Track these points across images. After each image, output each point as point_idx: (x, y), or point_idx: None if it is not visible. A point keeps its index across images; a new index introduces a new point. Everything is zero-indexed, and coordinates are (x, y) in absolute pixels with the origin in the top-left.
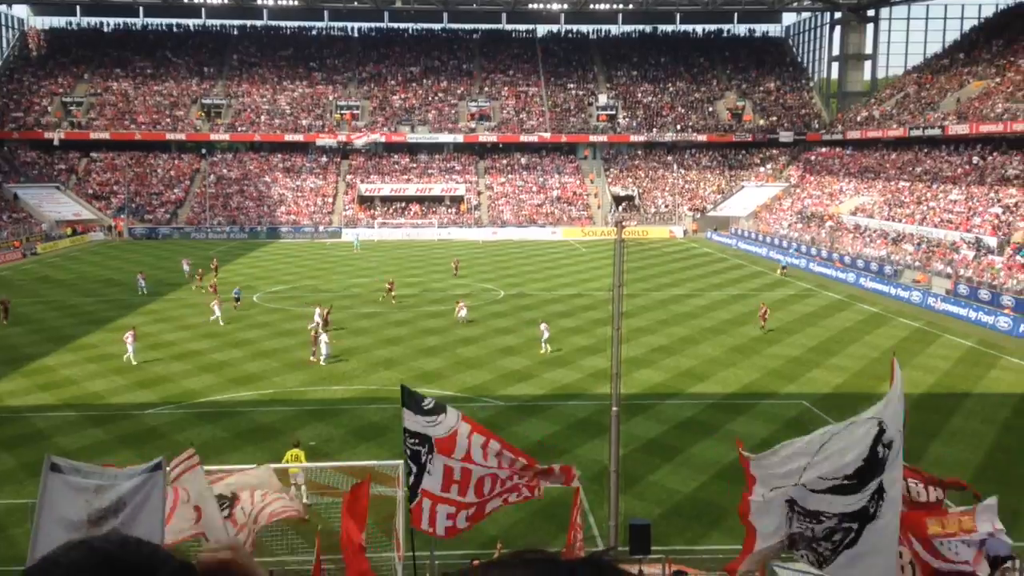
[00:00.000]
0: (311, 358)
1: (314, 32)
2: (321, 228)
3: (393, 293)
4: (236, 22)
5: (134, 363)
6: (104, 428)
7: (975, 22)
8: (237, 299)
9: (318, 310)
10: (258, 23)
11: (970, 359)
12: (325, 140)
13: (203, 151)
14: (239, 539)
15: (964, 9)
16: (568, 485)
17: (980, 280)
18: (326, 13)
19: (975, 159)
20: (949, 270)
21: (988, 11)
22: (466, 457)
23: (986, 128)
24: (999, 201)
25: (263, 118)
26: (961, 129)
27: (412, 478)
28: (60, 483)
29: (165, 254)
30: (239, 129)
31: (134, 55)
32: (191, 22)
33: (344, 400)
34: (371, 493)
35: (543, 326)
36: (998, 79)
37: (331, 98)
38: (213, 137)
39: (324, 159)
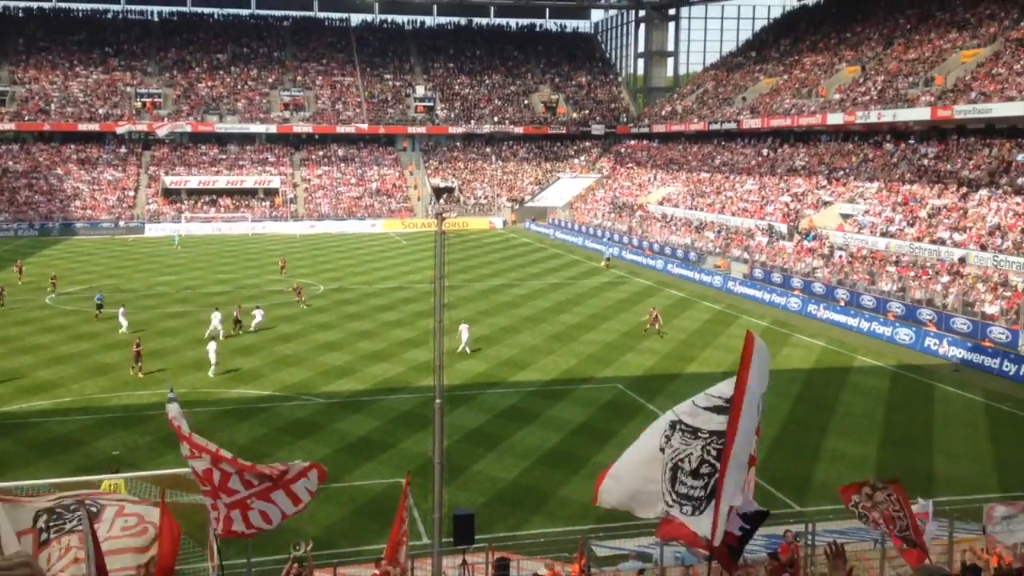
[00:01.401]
0: (132, 371)
1: (109, 15)
2: (122, 223)
3: (301, 299)
4: (21, 3)
5: None
6: None
7: (765, 22)
8: (99, 305)
9: (217, 315)
10: (46, 5)
11: (766, 338)
12: (124, 129)
13: None
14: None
15: (755, 10)
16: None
17: (773, 264)
18: None
19: (766, 151)
20: (746, 256)
21: (776, 12)
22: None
23: (776, 122)
24: (788, 190)
25: (53, 106)
26: (754, 123)
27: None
28: None
29: None
30: (26, 118)
31: None
32: None
33: (150, 405)
34: (185, 501)
35: (463, 326)
36: (786, 76)
37: (130, 85)
38: None
39: (123, 150)
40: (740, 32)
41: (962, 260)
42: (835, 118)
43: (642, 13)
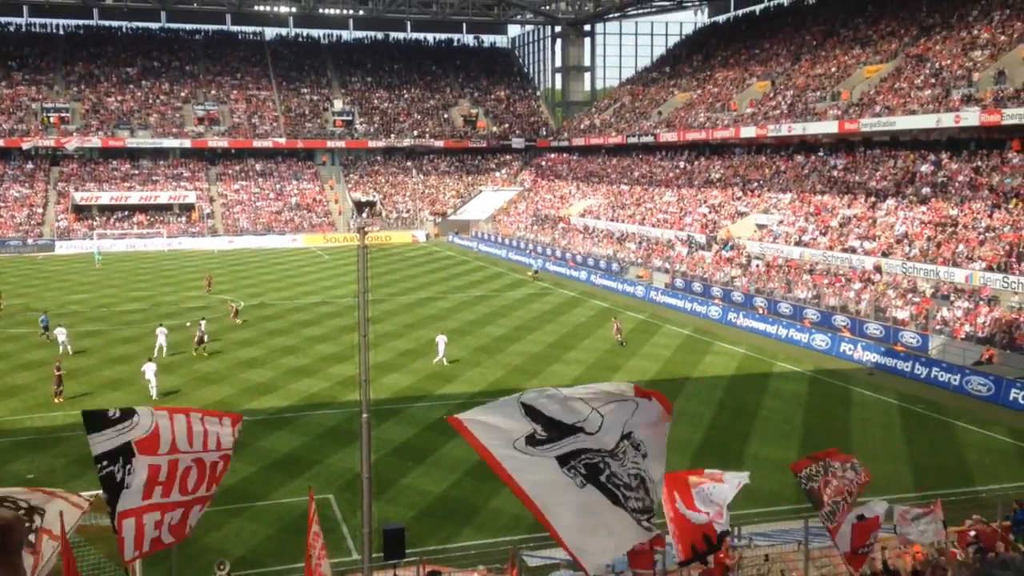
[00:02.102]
0: (56, 398)
1: (12, 28)
2: (31, 241)
3: (237, 317)
4: None
5: None
6: None
7: (678, 38)
8: (45, 327)
9: (163, 331)
10: None
11: (688, 346)
12: (30, 144)
13: None
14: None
15: (668, 26)
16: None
17: (693, 274)
18: (25, 8)
19: (683, 164)
20: (667, 266)
21: (688, 28)
22: (172, 448)
23: (691, 135)
24: (706, 202)
25: None
26: (670, 137)
27: (109, 508)
28: None
29: None
30: None
31: None
32: None
33: (66, 427)
34: (106, 524)
35: (440, 338)
36: (699, 91)
37: (36, 100)
38: None
39: (30, 166)
40: (654, 48)
41: (877, 268)
42: (748, 131)
43: (558, 29)
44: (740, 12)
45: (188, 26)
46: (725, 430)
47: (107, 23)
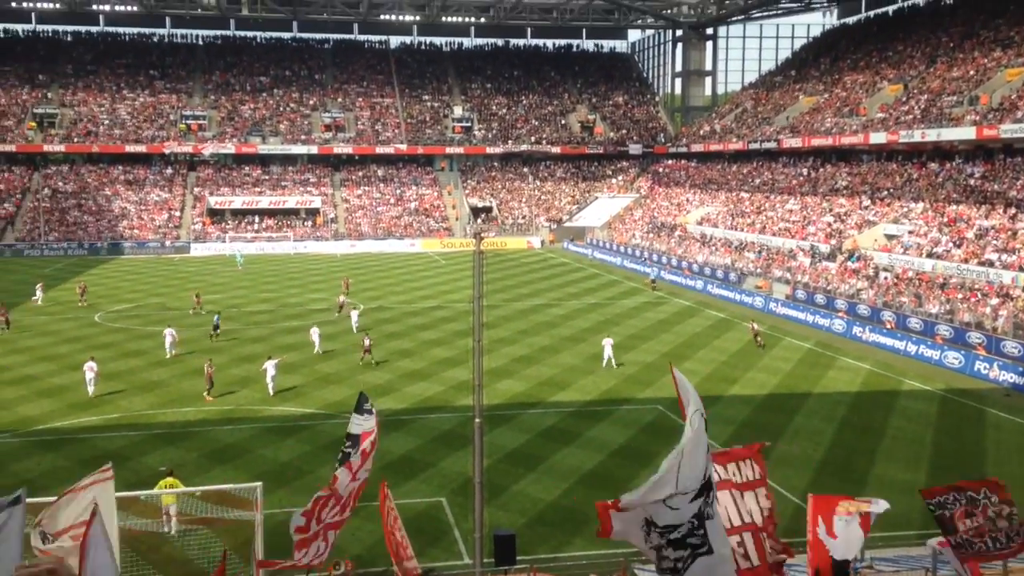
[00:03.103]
0: (207, 397)
1: (155, 39)
2: (168, 243)
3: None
4: (70, 28)
5: None
6: None
7: (804, 40)
8: (216, 327)
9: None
10: (94, 29)
11: (809, 360)
12: (171, 149)
13: (36, 163)
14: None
15: (794, 29)
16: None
17: (816, 285)
18: (168, 20)
19: (807, 171)
20: (788, 276)
21: (816, 31)
22: (359, 466)
23: (817, 141)
24: (831, 210)
25: (102, 128)
26: (794, 142)
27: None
28: None
29: None
30: (75, 140)
31: None
32: (20, 27)
33: (196, 422)
34: (229, 518)
35: (607, 341)
36: (826, 95)
37: (175, 108)
38: (47, 148)
39: (169, 171)
40: (779, 51)
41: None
42: (878, 137)
43: (679, 33)
44: (872, 13)
45: (318, 36)
46: (848, 449)
47: (243, 33)
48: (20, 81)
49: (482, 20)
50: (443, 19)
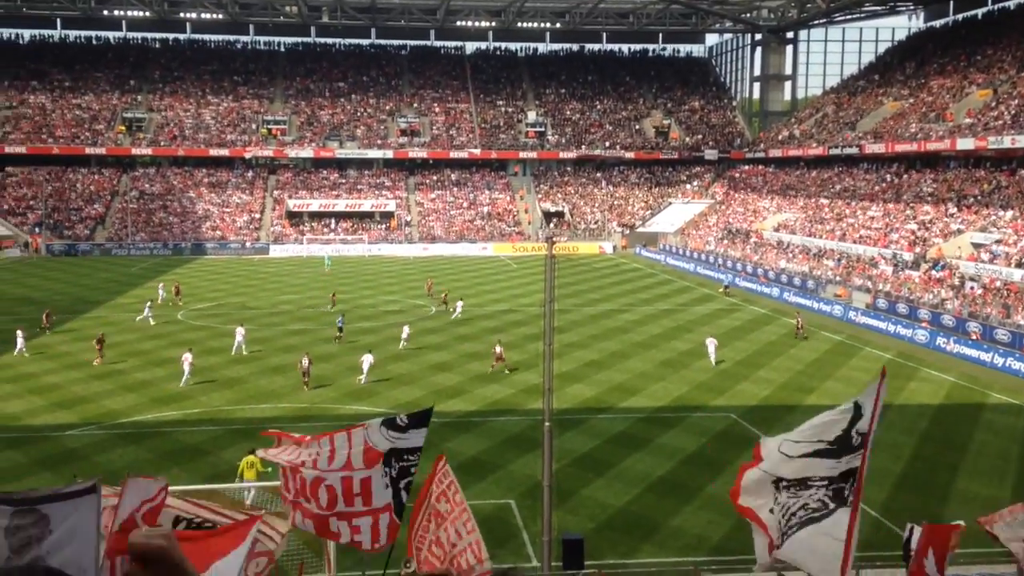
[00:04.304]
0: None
1: (239, 46)
2: (248, 244)
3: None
4: (158, 35)
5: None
6: (22, 450)
7: (889, 44)
8: (340, 328)
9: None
10: (181, 37)
11: (890, 371)
12: (252, 154)
13: (125, 166)
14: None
15: (879, 32)
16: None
17: (898, 294)
18: (251, 27)
19: (891, 177)
20: (868, 285)
21: (901, 34)
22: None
23: (901, 147)
24: (915, 218)
25: (187, 132)
26: (877, 148)
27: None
28: None
29: (85, 271)
30: (162, 143)
31: (51, 68)
32: (111, 35)
33: (272, 419)
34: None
35: (710, 341)
36: (911, 100)
37: (258, 113)
38: (135, 151)
39: (251, 174)
40: (862, 55)
41: None
42: (965, 143)
43: (758, 37)
44: (960, 16)
45: (395, 42)
46: (930, 463)
47: (323, 40)
48: (111, 86)
49: (557, 25)
50: (518, 25)
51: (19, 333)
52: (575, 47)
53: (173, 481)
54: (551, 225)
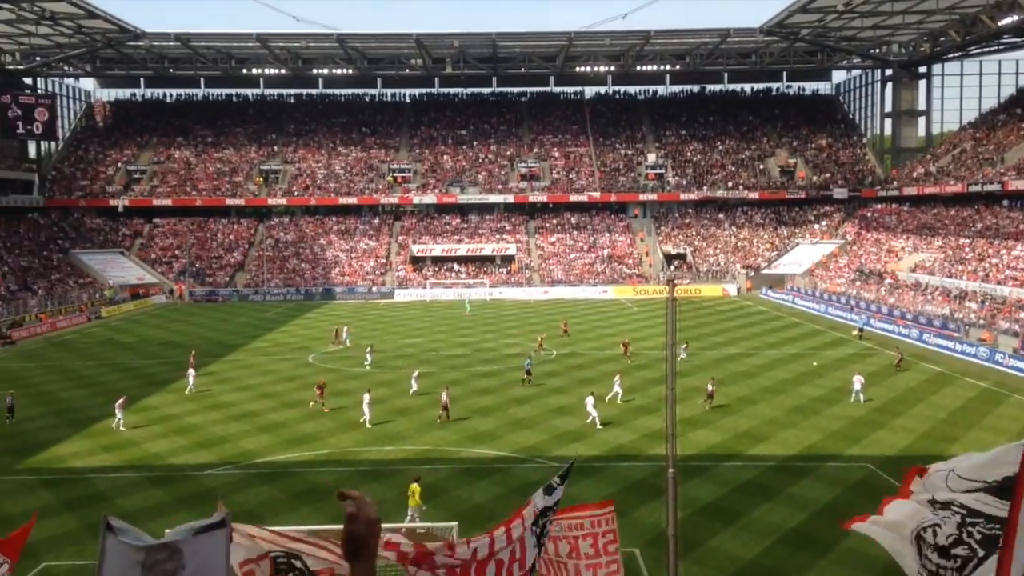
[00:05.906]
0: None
1: (367, 99)
2: (375, 289)
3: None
4: (293, 91)
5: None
6: (164, 489)
7: None
8: (528, 371)
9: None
10: (314, 91)
11: None
12: (379, 200)
13: (261, 215)
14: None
15: (1019, 64)
16: None
17: None
18: (379, 80)
19: None
20: (1016, 328)
21: None
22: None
23: None
24: None
25: (319, 182)
26: (1021, 184)
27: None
28: (115, 544)
29: (223, 316)
30: (295, 193)
31: (195, 124)
32: (250, 92)
33: (397, 460)
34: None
35: (857, 378)
36: None
37: (384, 162)
38: (271, 202)
39: (377, 221)
40: (1001, 88)
41: None
42: None
43: (888, 72)
44: None
45: (515, 89)
46: None
47: (446, 90)
48: (249, 140)
49: (677, 67)
50: (638, 68)
51: (191, 372)
52: (695, 88)
53: (302, 520)
54: (672, 267)
